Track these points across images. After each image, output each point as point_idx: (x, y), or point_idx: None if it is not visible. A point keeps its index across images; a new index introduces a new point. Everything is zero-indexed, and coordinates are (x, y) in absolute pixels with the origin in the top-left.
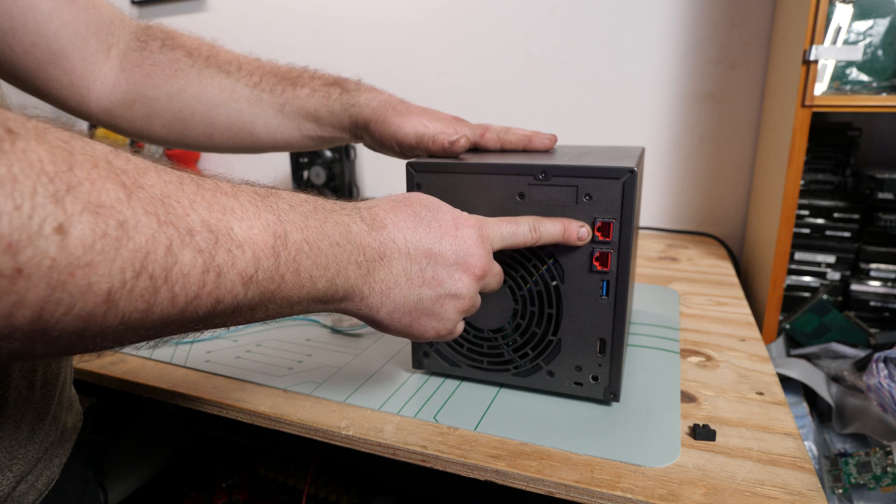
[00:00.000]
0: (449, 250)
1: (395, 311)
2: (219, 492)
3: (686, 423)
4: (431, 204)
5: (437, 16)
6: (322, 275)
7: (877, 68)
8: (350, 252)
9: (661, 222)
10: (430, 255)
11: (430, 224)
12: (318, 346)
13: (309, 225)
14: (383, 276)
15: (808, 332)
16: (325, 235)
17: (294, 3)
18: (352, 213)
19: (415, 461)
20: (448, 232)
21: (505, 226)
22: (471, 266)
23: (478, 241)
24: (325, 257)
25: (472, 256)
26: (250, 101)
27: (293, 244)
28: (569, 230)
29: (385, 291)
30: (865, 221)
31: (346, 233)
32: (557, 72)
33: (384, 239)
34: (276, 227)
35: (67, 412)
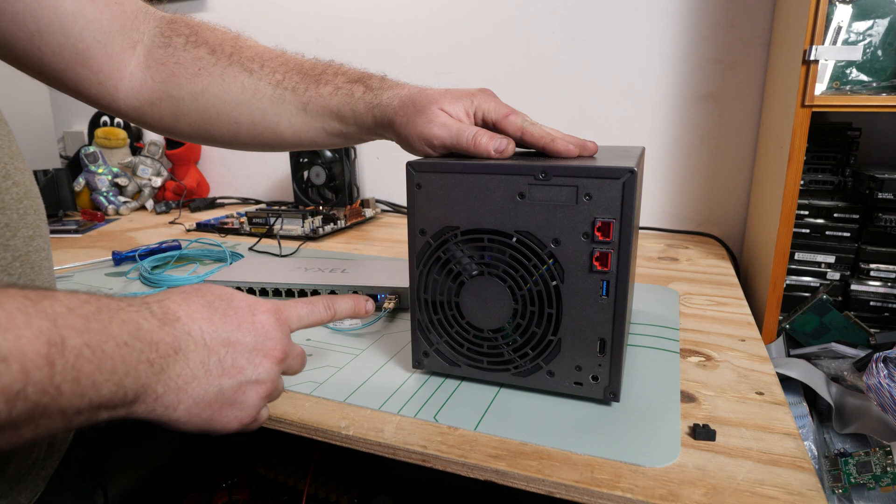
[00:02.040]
0: (247, 336)
1: (195, 406)
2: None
3: (686, 423)
4: (224, 293)
5: (437, 16)
6: (108, 378)
7: (877, 68)
8: (140, 350)
9: (661, 222)
10: (229, 344)
11: (226, 312)
12: (318, 346)
13: (91, 328)
14: (179, 370)
15: (808, 332)
16: (110, 336)
17: (294, 3)
18: (141, 309)
19: (415, 461)
20: (245, 319)
21: (301, 307)
22: (270, 350)
23: (275, 325)
24: (110, 360)
25: (270, 340)
26: (273, 100)
27: (72, 351)
28: (358, 305)
29: (182, 387)
30: (865, 221)
31: (135, 331)
32: (557, 72)
33: (178, 332)
34: (50, 334)
35: None
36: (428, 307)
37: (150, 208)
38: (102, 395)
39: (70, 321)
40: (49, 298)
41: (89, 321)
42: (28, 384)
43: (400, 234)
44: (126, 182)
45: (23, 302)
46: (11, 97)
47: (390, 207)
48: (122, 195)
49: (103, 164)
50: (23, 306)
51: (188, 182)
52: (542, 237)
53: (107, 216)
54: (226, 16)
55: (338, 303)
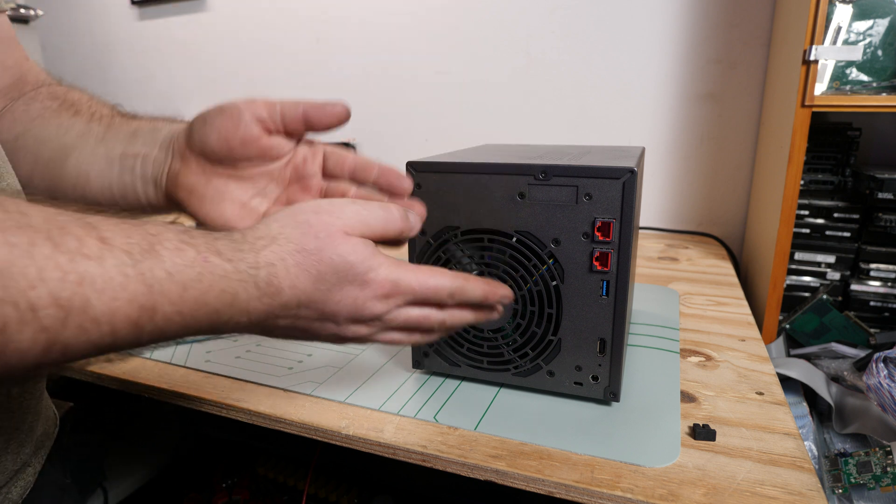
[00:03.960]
0: (344, 311)
1: (277, 336)
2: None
3: (686, 423)
4: (343, 266)
5: (437, 16)
6: (191, 333)
7: (877, 68)
8: (231, 315)
9: (661, 222)
10: (322, 315)
11: (332, 289)
12: (318, 346)
13: (186, 297)
14: (265, 326)
15: (808, 332)
16: (203, 304)
17: (294, 3)
18: (246, 279)
19: (415, 461)
20: (347, 296)
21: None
22: (365, 320)
23: (383, 306)
24: (197, 323)
25: (367, 314)
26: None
27: (162, 316)
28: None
29: (265, 332)
30: (865, 221)
31: (231, 300)
32: (557, 72)
33: (275, 304)
34: (144, 300)
35: (42, 420)
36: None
37: None
38: (181, 339)
39: (167, 288)
40: (152, 257)
41: (186, 289)
42: (116, 340)
43: None
44: None
45: (124, 260)
46: None
47: None
48: None
49: None
50: (122, 266)
51: None
52: (542, 237)
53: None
54: (225, 16)
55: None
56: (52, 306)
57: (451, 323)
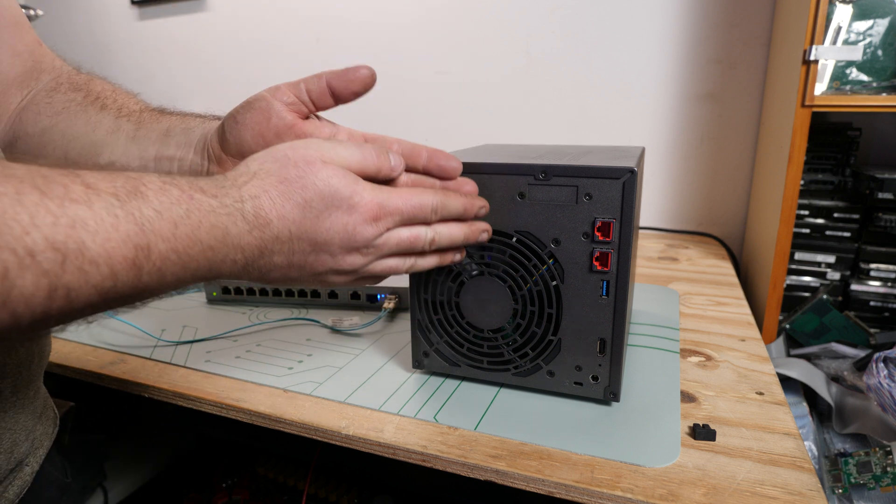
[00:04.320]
0: (336, 238)
1: (276, 280)
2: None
3: (686, 423)
4: (327, 190)
5: (437, 16)
6: (192, 275)
7: (877, 68)
8: (225, 254)
9: (661, 222)
10: (315, 245)
11: (320, 214)
12: (318, 346)
13: (178, 234)
14: (262, 264)
15: (808, 332)
16: (196, 241)
17: (294, 3)
18: (232, 212)
19: (415, 461)
20: (338, 222)
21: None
22: (359, 248)
23: (374, 230)
24: (195, 262)
25: (360, 240)
26: (109, 131)
27: (158, 255)
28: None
29: (263, 274)
30: (865, 221)
31: (222, 236)
32: (557, 72)
33: (266, 236)
34: (137, 239)
35: (39, 420)
36: (428, 307)
37: None
38: (185, 284)
39: (157, 226)
40: (138, 198)
41: (177, 226)
42: (117, 283)
43: None
44: None
45: (111, 202)
46: None
47: None
48: None
49: None
50: (111, 207)
51: None
52: (542, 237)
53: None
54: (225, 16)
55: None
56: (49, 249)
57: (440, 240)
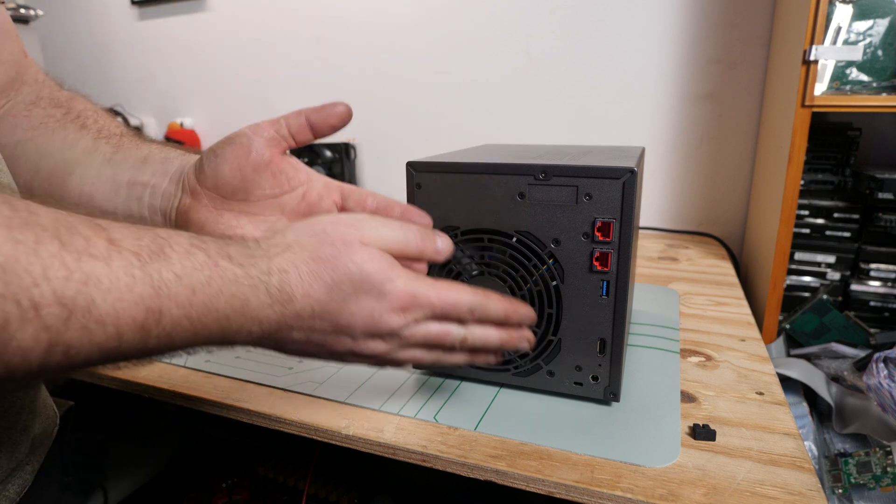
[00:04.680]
0: (359, 324)
1: (292, 352)
2: (219, 492)
3: (686, 423)
4: (359, 276)
5: (437, 16)
6: (202, 341)
7: (877, 68)
8: (242, 324)
9: (661, 222)
10: (337, 329)
11: (347, 299)
12: None
13: (195, 300)
14: (278, 338)
15: (808, 332)
16: (213, 310)
17: (294, 3)
18: (256, 284)
19: (415, 461)
20: (364, 308)
21: (448, 296)
22: (382, 335)
23: (401, 321)
24: (207, 330)
25: (384, 329)
26: (86, 150)
27: (169, 320)
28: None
29: (279, 347)
30: (865, 221)
31: (241, 307)
32: (557, 72)
33: (288, 313)
34: (150, 303)
35: (38, 419)
36: None
37: None
38: (194, 348)
39: (175, 291)
40: (161, 260)
41: (195, 293)
42: (122, 344)
43: None
44: None
45: (131, 262)
46: None
47: None
48: None
49: None
50: (129, 267)
51: None
52: (542, 237)
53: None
54: (225, 16)
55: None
56: (55, 305)
57: (473, 341)
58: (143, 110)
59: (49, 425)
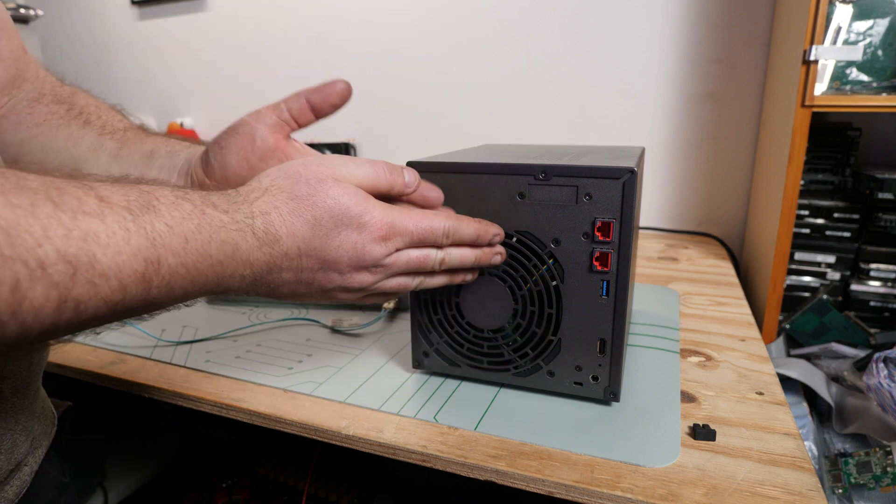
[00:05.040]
0: (345, 256)
1: (284, 296)
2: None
3: (686, 423)
4: (337, 208)
5: (437, 16)
6: (200, 289)
7: (877, 68)
8: (234, 269)
9: (661, 222)
10: (324, 263)
11: (329, 233)
12: (318, 346)
13: (188, 248)
14: (270, 280)
15: (808, 332)
16: (206, 256)
17: (294, 3)
18: (243, 228)
19: (415, 461)
20: (347, 240)
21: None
22: (367, 267)
23: (383, 250)
24: (204, 276)
25: (369, 259)
26: (91, 147)
27: (167, 269)
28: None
29: (272, 290)
30: (865, 221)
31: (232, 252)
32: (557, 72)
33: (275, 252)
34: (148, 253)
35: (37, 420)
36: (428, 307)
37: None
38: (192, 298)
39: (168, 241)
40: (150, 212)
41: (188, 241)
42: (126, 296)
43: None
44: None
45: (124, 216)
46: None
47: None
48: None
49: None
50: (123, 220)
51: None
52: (542, 237)
53: None
54: (225, 16)
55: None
56: (61, 262)
57: (450, 261)
58: (143, 110)
59: (47, 426)
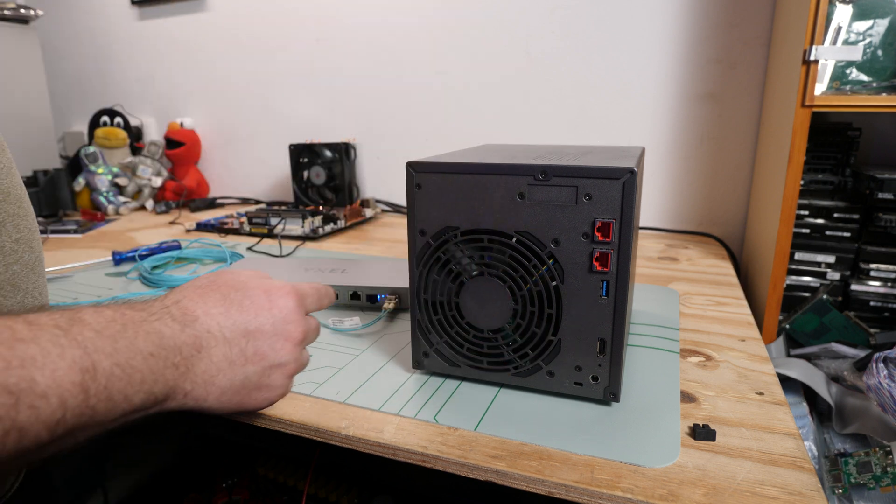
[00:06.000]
0: (266, 324)
1: (224, 394)
2: (219, 492)
3: (686, 423)
4: (238, 282)
5: (437, 16)
6: (138, 390)
7: (877, 68)
8: (165, 357)
9: (661, 222)
10: (248, 334)
11: (242, 303)
12: (318, 346)
13: (118, 347)
14: (204, 367)
15: (808, 332)
16: (137, 352)
17: (294, 3)
18: (162, 316)
19: (415, 461)
20: (262, 307)
21: (312, 291)
22: (290, 333)
23: (294, 308)
24: (139, 373)
25: (290, 324)
26: None
27: (103, 373)
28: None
29: (209, 381)
30: (865, 221)
31: (158, 340)
32: (557, 72)
33: (199, 332)
34: (83, 362)
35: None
36: (428, 307)
37: (150, 208)
38: (134, 404)
39: (99, 345)
40: (79, 324)
41: (116, 341)
42: (66, 412)
43: (400, 235)
44: (126, 182)
45: (55, 333)
46: (11, 97)
47: (390, 207)
48: (122, 195)
49: (103, 164)
50: (55, 338)
51: (188, 182)
52: (542, 237)
53: (107, 216)
54: (225, 16)
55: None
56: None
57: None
58: (143, 110)
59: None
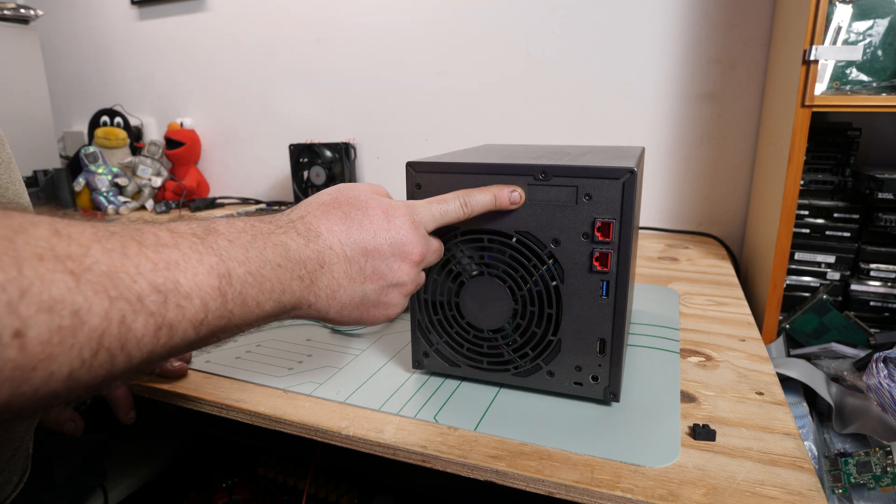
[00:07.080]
0: (384, 244)
1: (344, 308)
2: (219, 492)
3: (686, 423)
4: (359, 201)
5: (437, 16)
6: (269, 298)
7: (877, 68)
8: (292, 269)
9: (661, 222)
10: (367, 253)
11: (362, 222)
12: (318, 346)
13: (250, 256)
14: (326, 281)
15: (808, 332)
16: (266, 262)
17: (294, 3)
18: (288, 230)
19: (415, 461)
20: (381, 226)
21: (435, 206)
22: (408, 254)
23: (411, 228)
24: (269, 282)
25: (407, 244)
26: None
27: (238, 280)
28: (500, 197)
29: (331, 295)
30: (865, 221)
31: (285, 252)
32: (557, 72)
33: (321, 247)
34: (219, 268)
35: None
36: (428, 307)
37: (150, 208)
38: (266, 311)
39: (233, 253)
40: (212, 234)
41: (248, 250)
42: (208, 314)
43: None
44: (126, 182)
45: (192, 241)
46: (11, 97)
47: None
48: (122, 195)
49: (103, 164)
50: (194, 245)
51: (188, 182)
52: (542, 237)
53: (107, 216)
54: (225, 16)
55: (474, 197)
56: (154, 292)
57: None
58: (143, 110)
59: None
